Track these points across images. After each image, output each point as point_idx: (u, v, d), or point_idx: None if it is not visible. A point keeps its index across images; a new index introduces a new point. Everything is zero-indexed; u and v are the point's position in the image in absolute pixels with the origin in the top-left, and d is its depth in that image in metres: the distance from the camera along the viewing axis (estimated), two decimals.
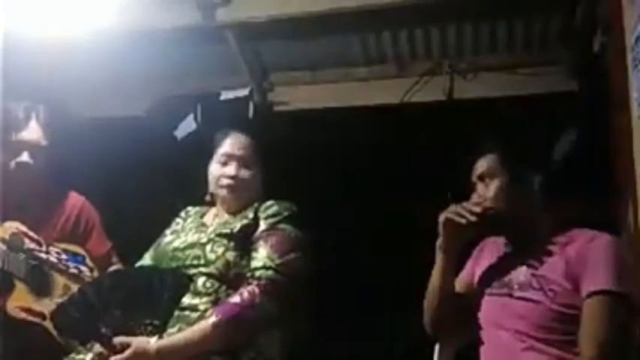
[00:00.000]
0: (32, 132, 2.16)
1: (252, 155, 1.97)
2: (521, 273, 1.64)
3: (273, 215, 1.88)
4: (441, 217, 1.72)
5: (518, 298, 1.61)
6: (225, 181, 1.95)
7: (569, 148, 3.15)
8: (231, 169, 1.95)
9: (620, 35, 2.03)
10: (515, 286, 1.63)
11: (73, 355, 1.84)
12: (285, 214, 1.90)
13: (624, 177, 2.03)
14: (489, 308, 1.69)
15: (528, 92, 2.88)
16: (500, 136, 1.85)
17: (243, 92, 3.11)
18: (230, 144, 1.99)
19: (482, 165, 1.75)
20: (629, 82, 1.94)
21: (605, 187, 2.29)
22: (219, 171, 1.96)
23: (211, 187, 1.99)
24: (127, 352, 1.63)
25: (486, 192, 1.71)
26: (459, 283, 1.82)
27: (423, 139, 3.12)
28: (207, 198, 2.02)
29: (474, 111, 2.97)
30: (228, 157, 1.97)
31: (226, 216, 1.94)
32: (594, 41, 2.49)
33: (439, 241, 1.74)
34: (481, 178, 1.73)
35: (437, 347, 1.85)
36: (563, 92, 2.87)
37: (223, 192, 1.95)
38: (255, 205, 1.91)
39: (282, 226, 1.87)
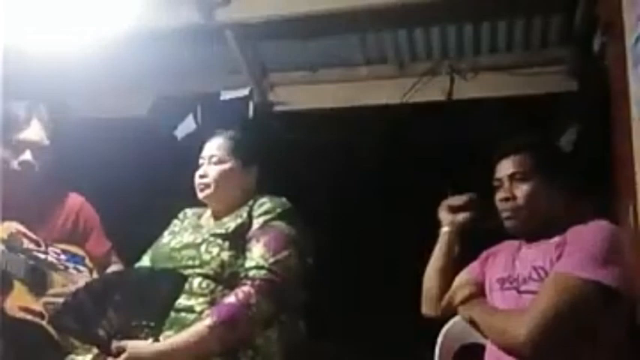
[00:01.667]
0: (34, 131, 2.17)
1: (226, 153, 1.97)
2: (526, 268, 1.66)
3: (266, 213, 1.87)
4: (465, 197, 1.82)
5: (524, 292, 1.62)
6: (197, 182, 1.96)
7: (569, 148, 3.15)
8: (200, 170, 1.97)
9: (620, 35, 2.03)
10: (521, 281, 1.65)
11: (72, 355, 1.85)
12: (278, 210, 1.89)
13: (624, 177, 2.02)
14: (501, 302, 1.70)
15: (528, 92, 2.88)
16: (533, 135, 1.84)
17: (243, 92, 3.11)
18: (205, 148, 2.01)
19: (514, 164, 1.73)
20: (629, 82, 1.94)
21: (605, 187, 2.29)
22: (196, 175, 1.98)
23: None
24: (122, 357, 1.62)
25: (517, 192, 1.70)
26: (467, 277, 1.82)
27: (423, 139, 3.12)
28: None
29: (473, 111, 2.97)
30: (202, 160, 2.00)
31: (221, 217, 1.93)
32: (594, 41, 2.49)
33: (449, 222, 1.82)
34: (512, 177, 1.72)
35: (438, 346, 1.85)
36: (563, 92, 2.87)
37: (199, 194, 1.96)
38: (250, 203, 1.91)
39: (275, 223, 1.86)
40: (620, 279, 1.50)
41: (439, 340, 1.85)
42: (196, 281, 1.77)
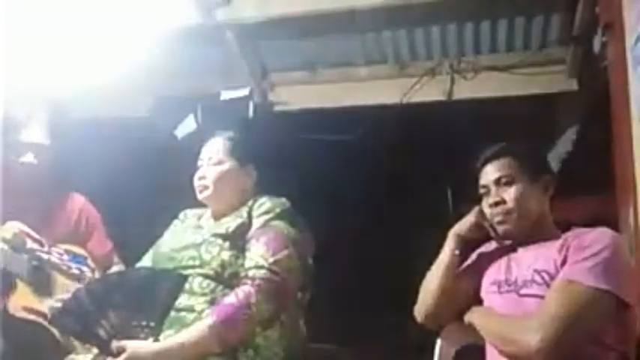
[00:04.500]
0: (35, 132, 2.18)
1: (224, 154, 1.97)
2: (525, 271, 1.65)
3: (266, 212, 1.88)
4: (476, 210, 1.76)
5: (525, 295, 1.61)
6: (197, 183, 1.97)
7: (570, 148, 3.16)
8: (199, 171, 1.98)
9: (620, 35, 2.03)
10: (520, 284, 1.64)
11: (72, 355, 1.85)
12: (278, 210, 1.89)
13: (624, 177, 2.03)
14: (500, 305, 1.69)
15: (528, 92, 2.88)
16: (516, 139, 1.84)
17: (243, 92, 3.11)
18: (203, 150, 2.02)
19: (498, 169, 1.74)
20: (629, 82, 1.94)
21: (605, 187, 2.29)
22: (195, 177, 1.98)
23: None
24: (123, 357, 1.62)
25: (505, 195, 1.70)
26: (459, 282, 1.82)
27: (423, 139, 3.12)
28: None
29: (473, 111, 2.97)
30: (200, 161, 2.00)
31: (221, 217, 1.94)
32: (594, 41, 2.49)
33: (459, 229, 1.78)
34: (497, 182, 1.73)
35: (437, 347, 1.85)
36: (563, 92, 2.87)
37: (199, 195, 1.96)
38: (249, 203, 1.91)
39: (274, 223, 1.87)
40: (626, 287, 1.51)
41: (439, 340, 1.85)
42: (197, 281, 1.77)
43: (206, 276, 1.78)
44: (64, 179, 2.34)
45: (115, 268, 2.29)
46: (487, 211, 1.75)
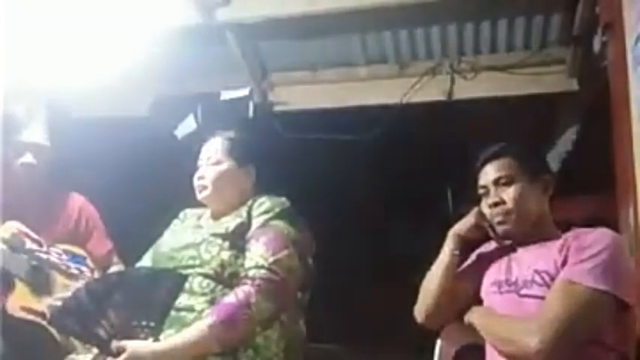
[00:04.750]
0: (35, 132, 2.18)
1: (222, 154, 1.98)
2: (525, 271, 1.65)
3: (265, 212, 1.87)
4: (476, 211, 1.76)
5: (525, 295, 1.62)
6: (196, 183, 1.97)
7: (570, 148, 3.16)
8: (199, 171, 1.98)
9: (620, 35, 2.03)
10: (520, 284, 1.64)
11: (72, 355, 1.85)
12: (278, 210, 1.89)
13: (624, 177, 2.03)
14: (500, 305, 1.69)
15: (528, 92, 2.88)
16: (515, 139, 1.83)
17: (243, 92, 3.11)
18: (203, 150, 2.02)
19: (497, 169, 1.74)
20: (629, 82, 1.94)
21: (605, 187, 2.29)
22: (195, 177, 1.99)
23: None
24: (123, 357, 1.62)
25: (504, 196, 1.70)
26: (459, 282, 1.81)
27: (423, 139, 3.12)
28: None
29: (473, 111, 2.97)
30: (200, 161, 2.00)
31: (221, 216, 1.94)
32: (594, 41, 2.49)
33: (459, 229, 1.77)
34: (497, 182, 1.73)
35: (437, 347, 1.85)
36: (563, 92, 2.88)
37: (198, 195, 1.97)
38: (249, 202, 1.91)
39: (274, 222, 1.86)
40: (626, 288, 1.51)
41: (439, 340, 1.85)
42: (197, 281, 1.77)
43: (206, 275, 1.78)
44: (64, 179, 2.33)
45: (114, 268, 2.29)
46: (486, 211, 1.75)
